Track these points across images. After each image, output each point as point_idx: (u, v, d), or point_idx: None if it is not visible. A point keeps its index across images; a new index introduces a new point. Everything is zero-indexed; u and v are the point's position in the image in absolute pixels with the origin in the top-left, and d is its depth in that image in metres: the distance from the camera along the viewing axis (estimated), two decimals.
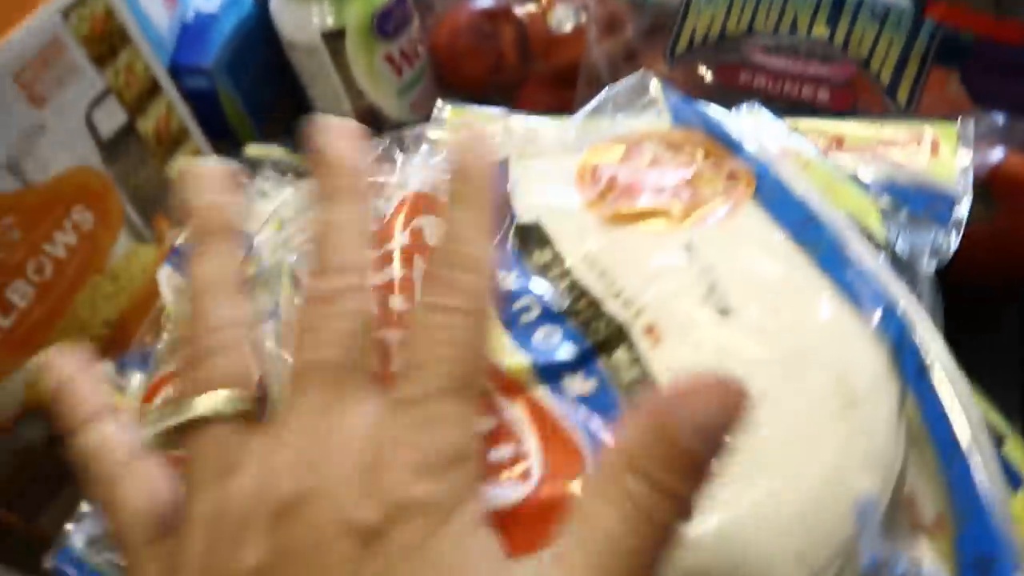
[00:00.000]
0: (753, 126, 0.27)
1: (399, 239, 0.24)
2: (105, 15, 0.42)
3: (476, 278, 0.20)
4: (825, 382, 0.21)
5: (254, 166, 0.53)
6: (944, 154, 0.26)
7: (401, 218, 0.25)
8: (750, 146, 0.26)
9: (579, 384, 0.21)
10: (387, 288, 0.24)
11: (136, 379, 0.44)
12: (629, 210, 0.25)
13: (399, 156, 0.32)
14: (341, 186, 0.22)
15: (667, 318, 0.22)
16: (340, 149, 0.22)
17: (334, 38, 0.47)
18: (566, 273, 0.24)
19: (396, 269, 0.24)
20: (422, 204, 0.26)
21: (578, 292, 0.23)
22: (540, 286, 0.24)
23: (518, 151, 0.28)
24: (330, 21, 0.47)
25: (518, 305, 0.23)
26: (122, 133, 0.45)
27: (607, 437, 0.20)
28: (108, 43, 0.43)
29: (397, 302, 0.23)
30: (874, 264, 0.23)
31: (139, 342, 0.49)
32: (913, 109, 0.36)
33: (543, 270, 0.24)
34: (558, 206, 0.26)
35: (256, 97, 0.58)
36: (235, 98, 0.57)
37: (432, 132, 0.31)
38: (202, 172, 0.24)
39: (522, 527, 0.19)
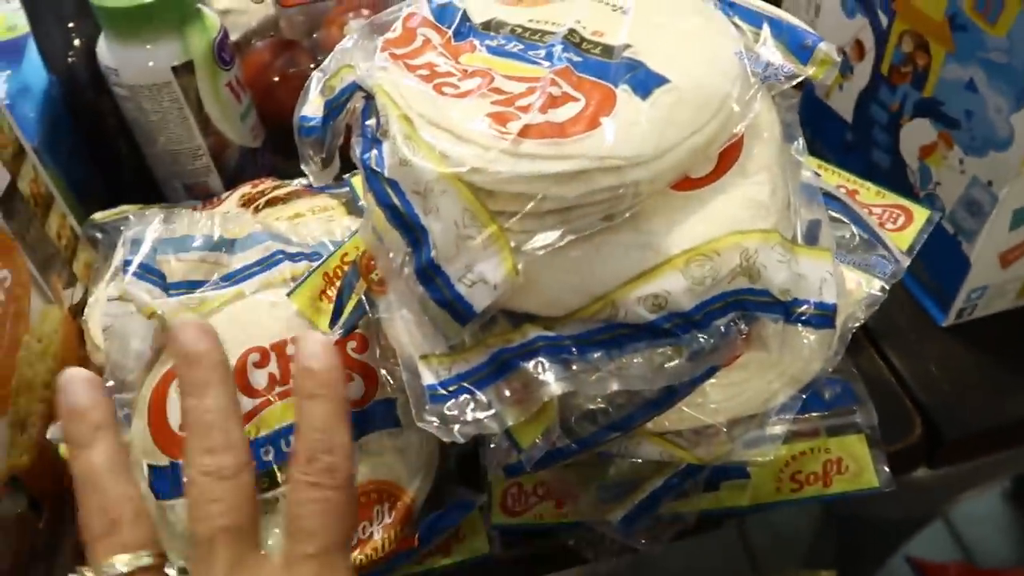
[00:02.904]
0: None
1: None
2: None
3: (339, 460, 0.27)
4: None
5: (104, 229, 0.55)
6: None
7: None
8: None
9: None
10: None
11: None
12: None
13: None
14: (207, 378, 0.27)
15: (596, 23, 0.33)
16: (199, 343, 0.27)
17: (184, 71, 0.51)
18: (517, 27, 0.34)
19: None
20: None
21: (530, 31, 0.33)
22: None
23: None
24: (179, 55, 0.51)
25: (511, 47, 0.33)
26: (9, 192, 0.45)
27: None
28: None
29: None
30: None
31: None
32: None
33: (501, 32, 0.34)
34: (495, 8, 0.35)
35: (75, 174, 0.59)
36: (58, 177, 0.57)
37: None
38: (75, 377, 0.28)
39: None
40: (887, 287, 0.35)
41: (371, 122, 0.33)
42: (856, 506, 0.81)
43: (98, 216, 0.56)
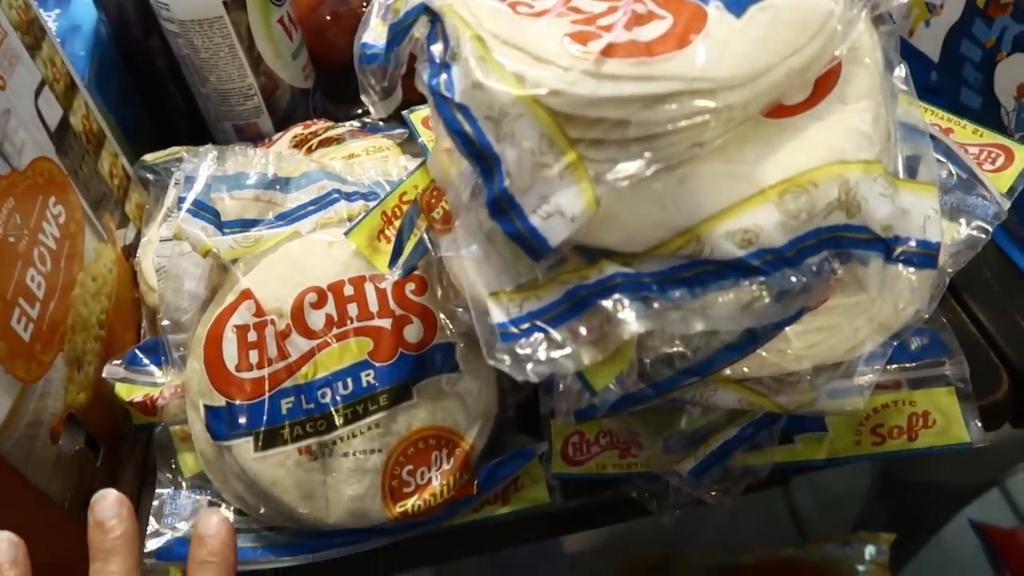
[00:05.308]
0: None
1: None
2: (25, 5, 0.42)
3: None
4: None
5: (155, 170, 0.54)
6: None
7: None
8: None
9: None
10: None
11: (155, 371, 0.43)
12: None
13: None
14: (114, 546, 0.30)
15: None
16: (113, 517, 0.30)
17: (235, 5, 0.50)
18: None
19: None
20: None
21: None
22: None
23: None
24: None
25: None
26: (62, 127, 0.44)
27: None
28: (32, 34, 0.42)
29: None
30: None
31: (135, 339, 0.48)
32: None
33: None
34: None
35: (125, 115, 0.58)
36: (108, 117, 0.56)
37: None
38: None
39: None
40: (990, 229, 0.32)
41: (438, 47, 0.31)
42: (911, 471, 0.79)
43: (149, 157, 0.55)
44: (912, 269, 0.28)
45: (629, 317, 0.27)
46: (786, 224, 0.27)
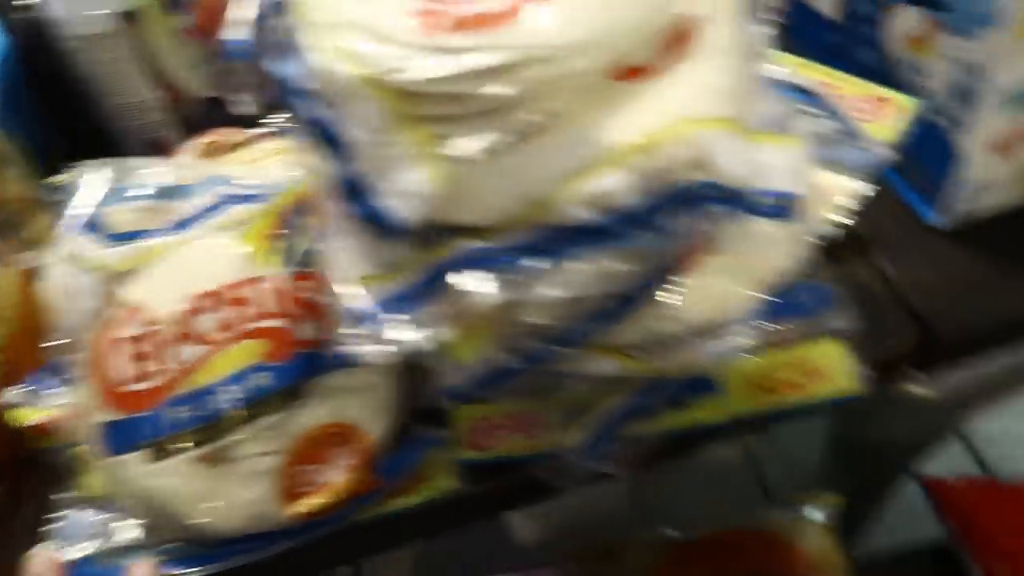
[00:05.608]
0: None
1: None
2: None
3: None
4: None
5: (62, 190, 0.53)
6: None
7: None
8: None
9: None
10: None
11: (55, 392, 0.43)
12: None
13: None
14: None
15: None
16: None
17: (132, 18, 0.49)
18: None
19: None
20: None
21: None
22: None
23: None
24: (125, 0, 0.49)
25: None
26: None
27: None
28: None
29: None
30: None
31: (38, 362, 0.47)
32: None
33: None
34: None
35: (38, 137, 0.57)
36: (18, 140, 0.55)
37: None
38: None
39: None
40: (872, 179, 0.32)
41: (286, 36, 0.31)
42: (860, 432, 0.79)
43: (56, 179, 0.54)
44: (777, 222, 0.28)
45: (483, 290, 0.27)
46: (639, 185, 0.27)
